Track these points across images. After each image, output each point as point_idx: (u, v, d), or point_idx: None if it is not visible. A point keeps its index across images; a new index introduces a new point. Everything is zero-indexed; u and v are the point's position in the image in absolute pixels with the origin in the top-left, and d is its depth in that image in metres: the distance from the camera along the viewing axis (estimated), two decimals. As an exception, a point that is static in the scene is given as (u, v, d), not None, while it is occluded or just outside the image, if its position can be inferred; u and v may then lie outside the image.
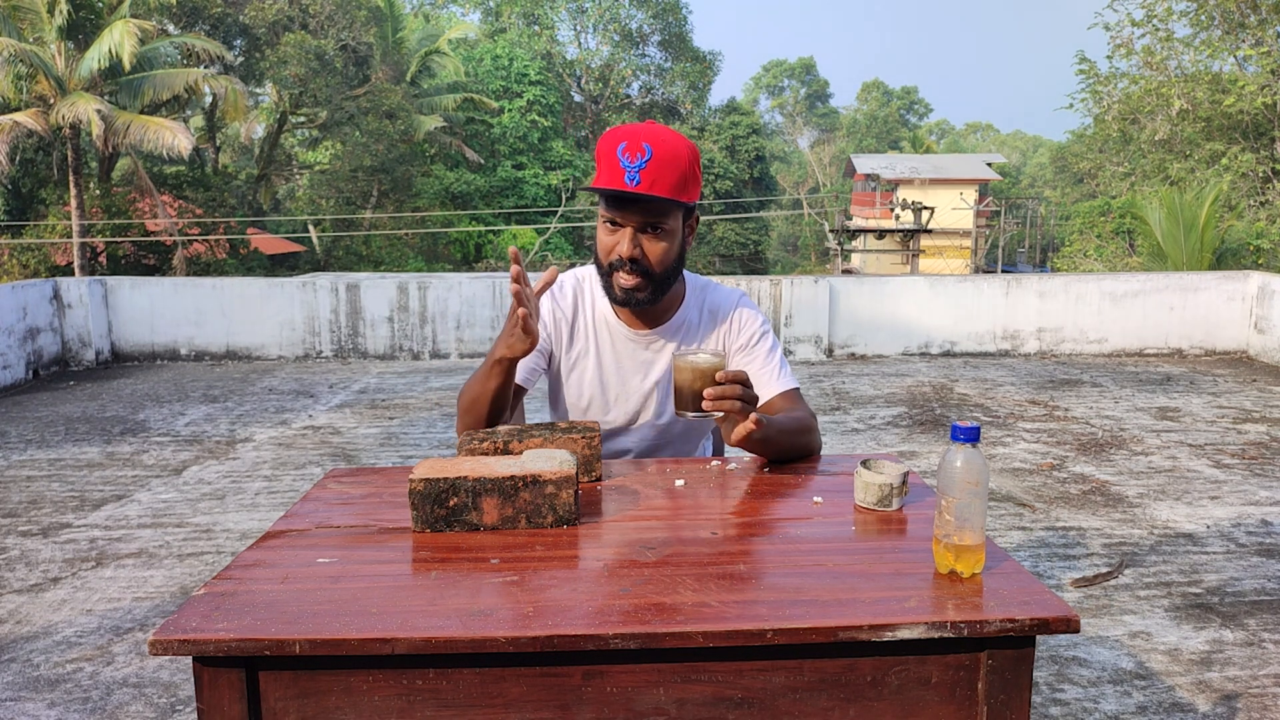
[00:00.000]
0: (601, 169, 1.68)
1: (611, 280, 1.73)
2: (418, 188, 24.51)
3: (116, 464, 5.33)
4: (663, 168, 1.64)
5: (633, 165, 1.63)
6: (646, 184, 1.63)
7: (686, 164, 1.68)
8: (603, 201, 1.71)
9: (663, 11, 36.31)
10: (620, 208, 1.68)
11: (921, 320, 9.06)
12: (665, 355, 1.85)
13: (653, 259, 1.71)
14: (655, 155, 1.63)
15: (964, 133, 71.82)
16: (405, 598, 1.13)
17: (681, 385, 1.58)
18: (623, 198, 1.66)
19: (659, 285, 1.74)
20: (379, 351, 8.99)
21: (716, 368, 1.55)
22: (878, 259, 30.92)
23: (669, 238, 1.71)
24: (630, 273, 1.70)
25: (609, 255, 1.72)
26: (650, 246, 1.70)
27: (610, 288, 1.75)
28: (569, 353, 1.88)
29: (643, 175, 1.63)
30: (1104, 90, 16.77)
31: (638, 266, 1.70)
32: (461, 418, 1.74)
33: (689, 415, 1.58)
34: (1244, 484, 4.77)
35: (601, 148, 1.68)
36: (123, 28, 14.84)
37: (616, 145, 1.64)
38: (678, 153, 1.66)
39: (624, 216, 1.68)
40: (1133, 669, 2.87)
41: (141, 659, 2.96)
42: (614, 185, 1.64)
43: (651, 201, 1.66)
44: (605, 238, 1.73)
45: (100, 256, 17.83)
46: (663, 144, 1.65)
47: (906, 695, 1.11)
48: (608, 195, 1.68)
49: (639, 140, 1.64)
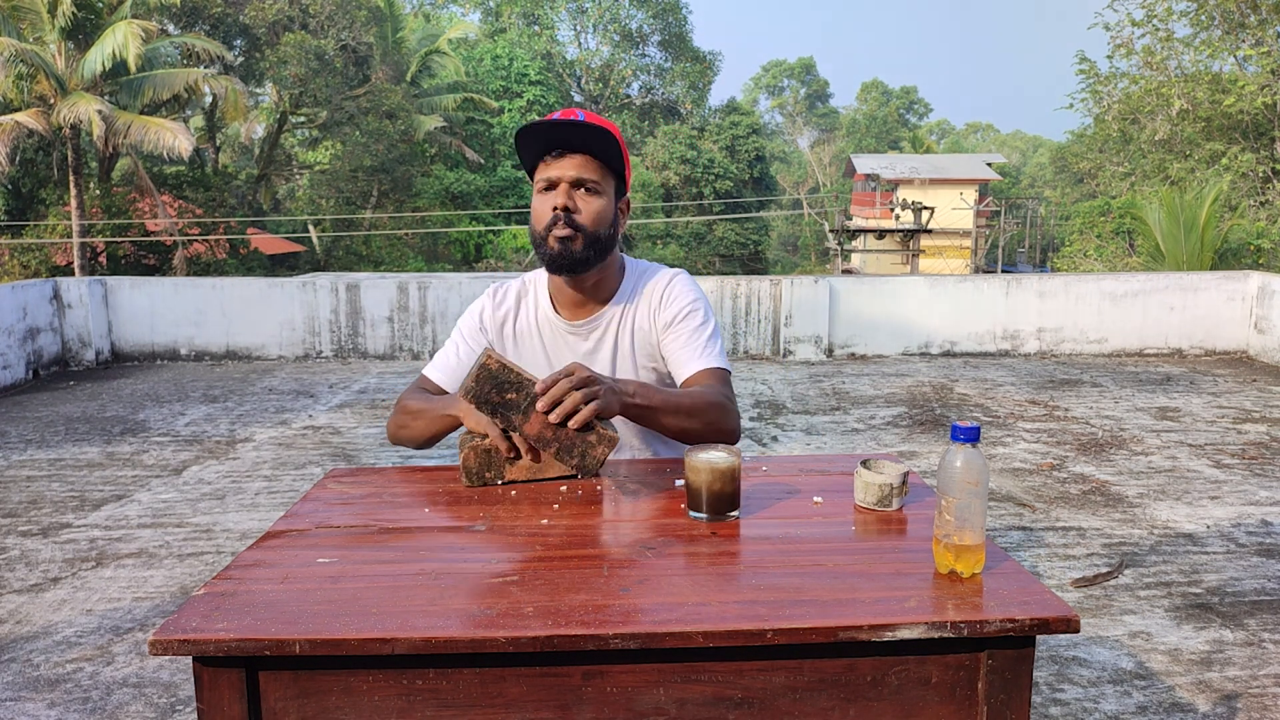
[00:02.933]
0: (532, 133, 1.70)
1: (547, 239, 1.72)
2: (418, 188, 24.51)
3: (116, 464, 5.33)
4: (592, 118, 1.71)
5: (563, 119, 1.68)
6: (583, 127, 1.68)
7: (617, 132, 1.74)
8: (538, 168, 1.73)
9: (663, 11, 36.32)
10: (556, 159, 1.70)
11: (921, 320, 9.06)
12: (606, 343, 1.84)
13: (586, 215, 1.71)
14: (588, 118, 1.70)
15: (964, 133, 71.82)
16: (405, 598, 1.13)
17: (698, 487, 1.39)
18: (559, 139, 1.69)
19: (591, 242, 1.72)
20: (379, 351, 8.99)
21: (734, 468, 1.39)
22: (878, 259, 30.92)
23: (602, 198, 1.73)
24: (564, 226, 1.69)
25: (543, 219, 1.72)
26: (584, 203, 1.71)
27: (546, 250, 1.73)
28: (512, 352, 1.88)
29: (569, 116, 1.69)
30: (1104, 90, 16.77)
31: (570, 219, 1.69)
32: (397, 428, 1.81)
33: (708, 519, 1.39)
34: (1244, 484, 4.77)
35: (529, 127, 1.69)
36: (126, 28, 14.83)
37: (550, 117, 1.70)
38: (608, 125, 1.72)
39: (559, 169, 1.70)
40: (1133, 669, 2.87)
41: (141, 659, 2.96)
42: (552, 127, 1.68)
43: (591, 143, 1.69)
44: (540, 202, 1.73)
45: (100, 256, 17.83)
46: (594, 116, 1.72)
47: (906, 695, 1.11)
48: (544, 139, 1.70)
49: (570, 111, 1.72)
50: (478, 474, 1.56)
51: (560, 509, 1.46)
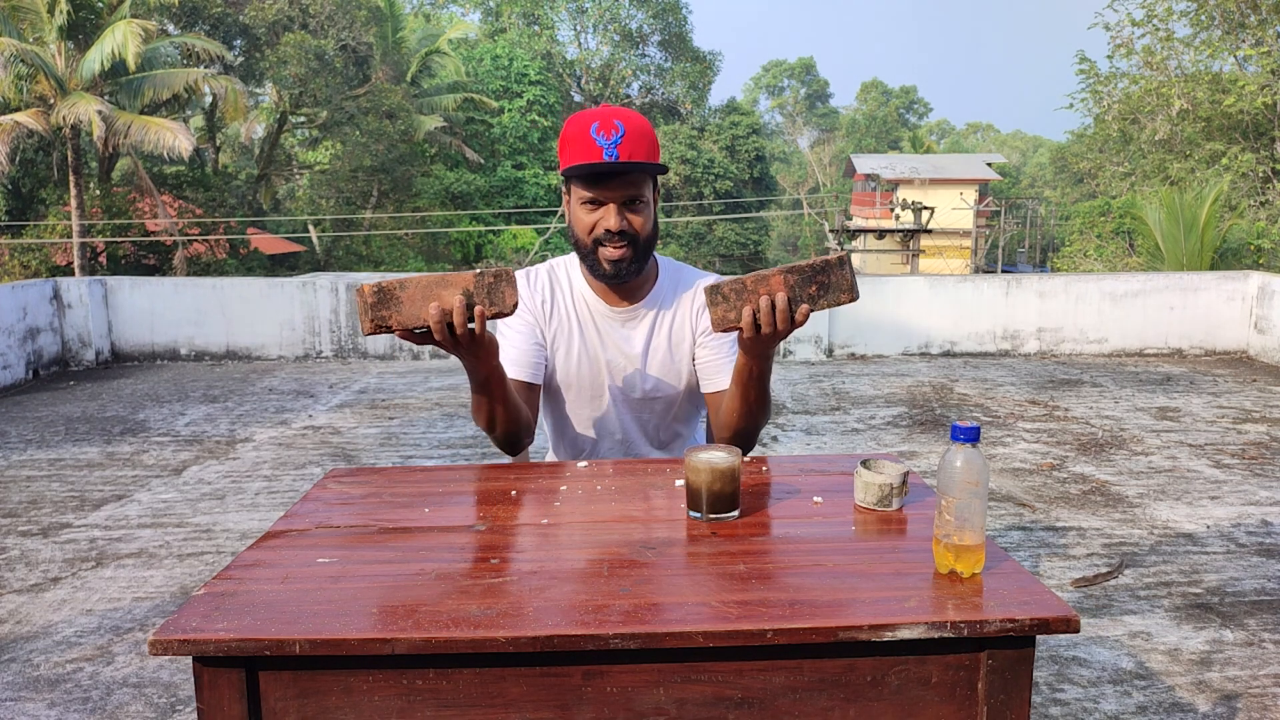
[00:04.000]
0: (574, 150, 1.71)
1: (597, 256, 1.77)
2: (418, 188, 24.51)
3: (116, 464, 5.33)
4: (636, 141, 1.70)
5: (609, 142, 1.68)
6: (625, 157, 1.69)
7: (652, 133, 1.76)
8: (579, 182, 1.74)
9: (663, 11, 36.30)
10: (602, 184, 1.72)
11: (921, 320, 9.06)
12: (642, 332, 1.89)
13: (638, 230, 1.77)
14: (628, 130, 1.70)
15: (964, 133, 71.82)
16: (405, 598, 1.13)
17: (698, 487, 1.41)
18: (607, 173, 1.70)
19: (642, 254, 1.80)
20: (379, 351, 8.99)
21: (734, 468, 1.41)
22: (878, 259, 30.92)
23: (646, 209, 1.78)
24: (618, 245, 1.75)
25: (591, 233, 1.76)
26: (633, 219, 1.76)
27: (596, 264, 1.79)
28: (550, 332, 1.91)
29: (620, 150, 1.68)
30: (1104, 90, 16.76)
31: (625, 238, 1.75)
32: (491, 435, 1.77)
33: (707, 518, 1.41)
34: (1244, 484, 4.77)
35: (570, 131, 1.72)
36: (126, 28, 14.83)
37: (588, 126, 1.69)
38: (644, 124, 1.74)
39: (606, 193, 1.72)
40: (1133, 669, 2.87)
41: (141, 659, 2.96)
42: (595, 160, 1.69)
43: (633, 173, 1.71)
44: (585, 217, 1.76)
45: (100, 256, 17.83)
46: (630, 119, 1.72)
47: (906, 695, 1.11)
48: (590, 174, 1.70)
49: (610, 119, 1.70)
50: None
51: (560, 508, 1.46)
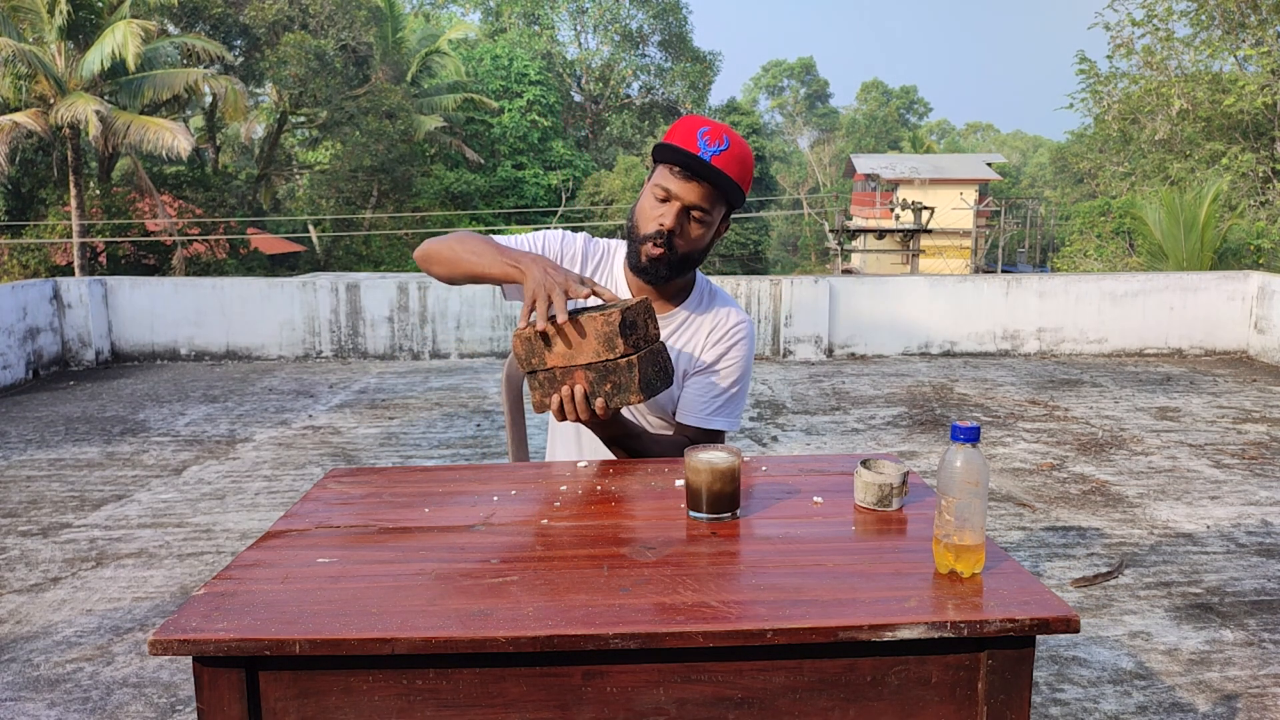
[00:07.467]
0: (675, 139, 1.72)
1: (640, 248, 1.77)
2: (418, 188, 24.51)
3: (116, 464, 5.33)
4: (734, 162, 1.71)
5: (710, 148, 1.69)
6: (719, 165, 1.69)
7: (750, 170, 1.76)
8: (663, 171, 1.73)
9: (663, 11, 36.30)
10: (681, 180, 1.71)
11: (921, 320, 9.06)
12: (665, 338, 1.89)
13: (685, 242, 1.75)
14: (731, 148, 1.70)
15: (964, 133, 71.81)
16: (405, 598, 1.13)
17: (697, 487, 1.40)
18: (690, 170, 1.70)
19: (678, 266, 1.77)
20: (379, 351, 8.99)
21: (734, 468, 1.40)
22: (878, 259, 30.91)
23: (707, 228, 1.76)
24: (658, 245, 1.73)
25: (649, 223, 1.75)
26: (689, 228, 1.75)
27: (637, 253, 1.78)
28: None
29: (716, 160, 1.69)
30: (1104, 90, 16.76)
31: (668, 242, 1.73)
32: (441, 250, 1.74)
33: (707, 518, 1.40)
34: (1244, 484, 4.77)
35: (680, 125, 1.73)
36: (126, 28, 14.83)
37: (699, 127, 1.71)
38: (747, 156, 1.75)
39: (682, 190, 1.71)
40: (1133, 669, 2.87)
41: (141, 659, 2.96)
42: (691, 149, 1.69)
43: (711, 183, 1.70)
44: (651, 206, 1.75)
45: (100, 256, 17.83)
46: (738, 143, 1.73)
47: (906, 695, 1.11)
48: (680, 162, 1.70)
49: (720, 132, 1.71)
50: (525, 359, 1.61)
51: (560, 508, 1.46)
